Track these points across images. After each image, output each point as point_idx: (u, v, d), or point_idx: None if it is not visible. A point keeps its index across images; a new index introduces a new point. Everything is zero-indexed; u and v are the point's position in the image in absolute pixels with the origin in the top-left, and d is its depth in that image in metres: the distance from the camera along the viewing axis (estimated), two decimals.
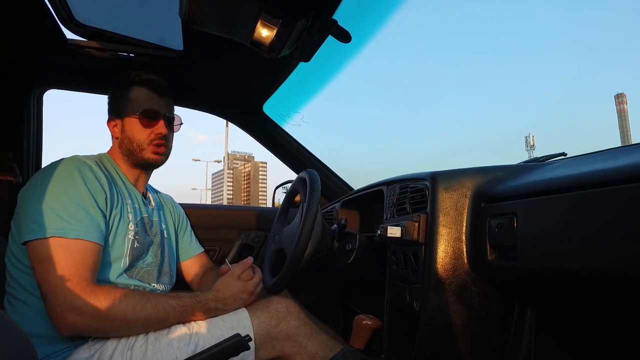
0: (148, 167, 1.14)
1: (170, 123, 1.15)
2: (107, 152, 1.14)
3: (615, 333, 0.74)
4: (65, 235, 0.87)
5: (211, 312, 0.98)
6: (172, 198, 1.38)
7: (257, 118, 1.75)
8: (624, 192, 0.54)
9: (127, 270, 1.00)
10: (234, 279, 1.03)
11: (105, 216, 0.96)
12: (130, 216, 1.04)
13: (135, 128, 1.09)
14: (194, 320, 0.97)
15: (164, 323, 0.93)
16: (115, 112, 1.13)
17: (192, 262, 1.33)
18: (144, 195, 1.18)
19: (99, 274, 0.92)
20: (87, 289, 0.85)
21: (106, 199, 0.97)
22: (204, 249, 1.38)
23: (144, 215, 1.11)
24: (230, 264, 1.11)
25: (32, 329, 0.88)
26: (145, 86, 1.11)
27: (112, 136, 1.14)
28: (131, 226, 1.03)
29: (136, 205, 1.09)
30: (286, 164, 1.87)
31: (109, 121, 1.14)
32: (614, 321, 0.71)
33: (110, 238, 0.97)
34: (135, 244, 1.03)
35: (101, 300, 0.85)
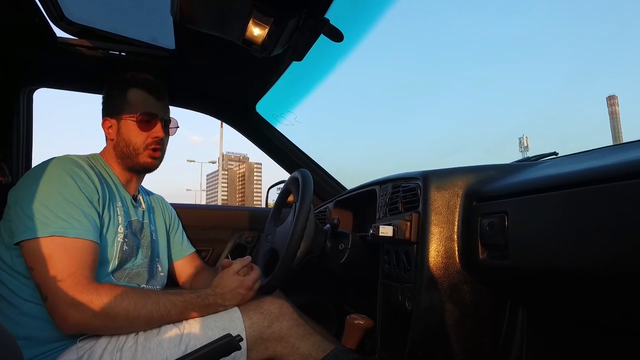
0: (142, 171, 1.13)
1: (167, 126, 1.13)
2: (100, 153, 1.12)
3: (606, 333, 0.75)
4: (64, 234, 0.86)
5: (211, 308, 0.98)
6: (163, 198, 1.37)
7: (250, 118, 1.74)
8: (614, 189, 0.54)
9: (114, 272, 0.99)
10: (231, 275, 1.02)
11: (99, 215, 0.96)
12: (120, 219, 1.03)
13: (132, 131, 1.07)
14: (194, 317, 0.96)
15: (165, 319, 0.93)
16: (111, 113, 1.10)
17: (184, 262, 1.32)
18: (135, 198, 1.15)
19: None
20: (89, 287, 0.85)
21: (99, 199, 0.97)
22: (195, 249, 1.36)
23: (133, 219, 1.10)
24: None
25: (17, 331, 0.86)
26: (142, 87, 1.09)
27: (106, 137, 1.12)
28: (120, 229, 1.02)
29: (126, 209, 1.08)
30: (279, 163, 1.87)
31: (103, 122, 1.11)
32: (604, 321, 0.71)
33: (101, 239, 0.96)
34: (125, 247, 1.02)
35: (103, 298, 0.85)
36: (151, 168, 1.12)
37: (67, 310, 0.83)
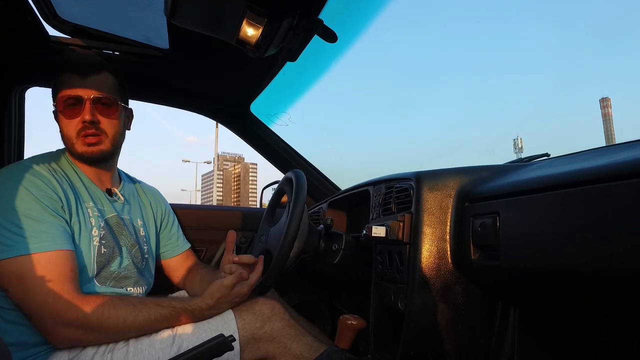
0: (89, 161, 1.02)
1: (104, 104, 0.99)
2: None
3: (597, 332, 0.75)
4: (31, 251, 0.83)
5: (203, 317, 0.96)
6: (157, 191, 1.31)
7: (245, 118, 1.74)
8: (605, 190, 0.55)
9: (97, 276, 0.97)
10: (225, 290, 0.96)
11: (67, 222, 0.92)
12: (93, 221, 0.98)
13: (62, 121, 0.98)
14: (185, 324, 0.95)
15: (156, 329, 0.92)
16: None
17: (179, 259, 1.28)
18: (109, 192, 1.08)
19: None
20: (74, 301, 0.83)
21: (63, 206, 0.91)
22: (190, 245, 1.34)
23: (109, 216, 1.05)
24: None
25: (3, 338, 0.85)
26: (66, 68, 0.97)
27: None
28: (95, 231, 0.97)
29: (99, 207, 1.03)
30: (273, 164, 1.86)
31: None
32: (595, 320, 0.72)
33: (75, 247, 0.92)
34: (102, 250, 0.98)
35: (91, 312, 0.83)
36: (94, 157, 1.00)
37: (56, 327, 0.81)
